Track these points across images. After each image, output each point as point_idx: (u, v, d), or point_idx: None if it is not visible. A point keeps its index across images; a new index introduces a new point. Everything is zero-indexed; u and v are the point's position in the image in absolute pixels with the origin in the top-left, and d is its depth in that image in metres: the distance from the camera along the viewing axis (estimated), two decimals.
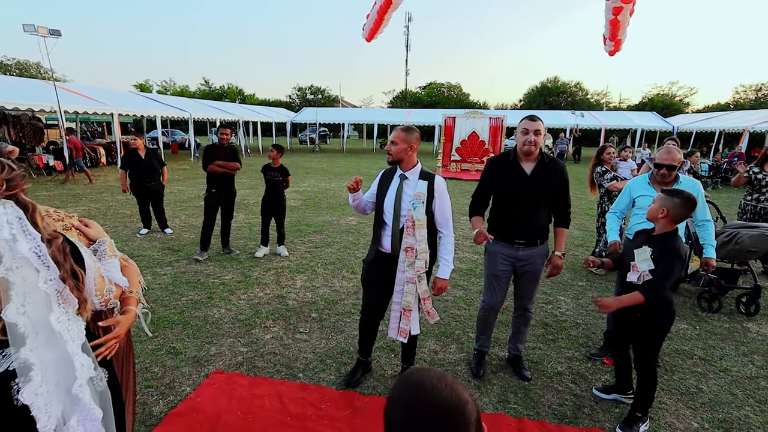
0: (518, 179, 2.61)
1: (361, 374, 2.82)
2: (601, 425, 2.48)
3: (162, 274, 4.66)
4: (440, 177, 2.55)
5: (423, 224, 2.40)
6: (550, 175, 2.63)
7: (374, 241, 2.63)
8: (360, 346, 2.84)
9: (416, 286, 2.45)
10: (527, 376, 2.89)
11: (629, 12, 5.90)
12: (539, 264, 2.75)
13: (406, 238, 2.41)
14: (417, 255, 2.40)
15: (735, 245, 3.90)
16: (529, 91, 44.78)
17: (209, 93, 44.62)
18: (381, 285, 2.58)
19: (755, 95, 38.60)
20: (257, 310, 3.85)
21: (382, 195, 2.55)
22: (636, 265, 2.29)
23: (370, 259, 2.64)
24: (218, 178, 5.21)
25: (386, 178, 2.60)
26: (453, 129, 16.47)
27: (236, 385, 2.77)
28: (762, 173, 4.90)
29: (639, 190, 3.02)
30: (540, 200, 2.64)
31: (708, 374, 3.03)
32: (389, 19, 6.79)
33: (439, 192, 2.49)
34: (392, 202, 2.48)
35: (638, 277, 2.28)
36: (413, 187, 2.46)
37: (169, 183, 11.51)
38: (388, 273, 2.51)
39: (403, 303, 2.48)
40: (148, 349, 3.16)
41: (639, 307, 2.28)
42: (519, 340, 2.98)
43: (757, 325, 3.84)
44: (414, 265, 2.42)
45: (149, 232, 6.32)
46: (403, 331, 2.51)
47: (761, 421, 2.55)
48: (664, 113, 32.36)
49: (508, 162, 2.66)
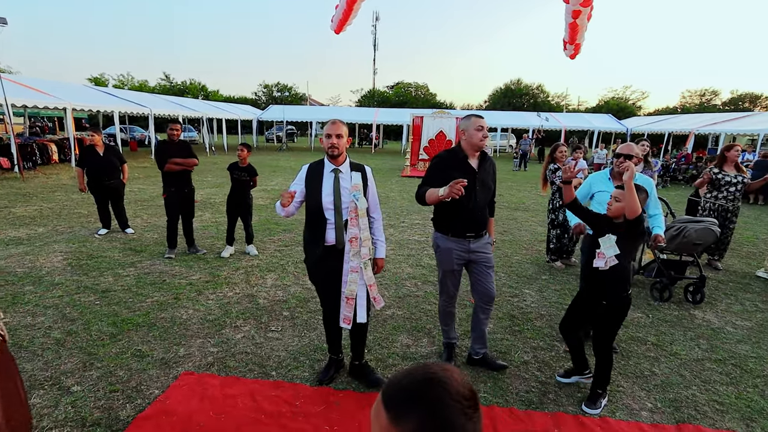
0: (470, 174, 2.69)
1: (334, 371, 2.84)
2: (564, 409, 2.62)
3: (124, 276, 4.48)
4: (368, 167, 2.64)
5: (365, 213, 2.50)
6: (488, 168, 2.81)
7: (314, 239, 2.56)
8: (329, 344, 2.84)
9: (361, 274, 2.52)
10: (503, 364, 2.99)
11: (587, 16, 6.21)
12: (489, 251, 2.88)
13: (350, 229, 2.46)
14: (362, 243, 2.49)
15: (683, 239, 4.20)
16: (494, 93, 45.89)
17: (170, 89, 42.87)
18: (333, 279, 2.57)
19: (700, 99, 41.31)
20: (227, 309, 3.78)
21: (317, 192, 2.50)
22: (602, 252, 2.45)
23: (317, 257, 2.57)
24: (174, 176, 5.05)
25: (315, 174, 2.54)
26: (421, 128, 16.66)
27: (207, 385, 2.72)
28: (721, 173, 5.28)
29: (599, 185, 3.21)
30: (487, 194, 2.80)
31: (660, 358, 3.26)
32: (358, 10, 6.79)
33: (371, 181, 2.62)
34: (331, 198, 2.48)
35: (605, 262, 2.44)
36: (348, 180, 2.51)
37: (129, 181, 11.03)
38: (337, 266, 2.53)
39: (346, 292, 2.52)
40: (111, 353, 3.04)
41: (603, 294, 2.50)
42: (483, 337, 2.99)
43: (703, 312, 4.14)
44: (359, 254, 2.49)
45: (109, 233, 6.05)
46: (346, 318, 2.54)
47: (706, 399, 2.77)
48: (619, 116, 34.00)
49: (458, 158, 2.73)
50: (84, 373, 2.80)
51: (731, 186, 5.19)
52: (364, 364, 2.83)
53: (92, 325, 3.42)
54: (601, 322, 2.57)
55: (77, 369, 2.84)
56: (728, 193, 5.21)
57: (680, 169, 14.65)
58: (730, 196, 5.21)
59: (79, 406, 2.49)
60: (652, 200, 3.16)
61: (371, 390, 2.72)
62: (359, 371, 2.81)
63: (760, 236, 7.47)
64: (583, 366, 2.84)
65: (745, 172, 5.26)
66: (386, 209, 8.44)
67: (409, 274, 4.85)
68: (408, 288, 4.45)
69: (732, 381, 2.99)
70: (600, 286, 2.56)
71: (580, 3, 5.98)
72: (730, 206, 5.24)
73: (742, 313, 4.14)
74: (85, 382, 2.71)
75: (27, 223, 6.43)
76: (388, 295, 4.23)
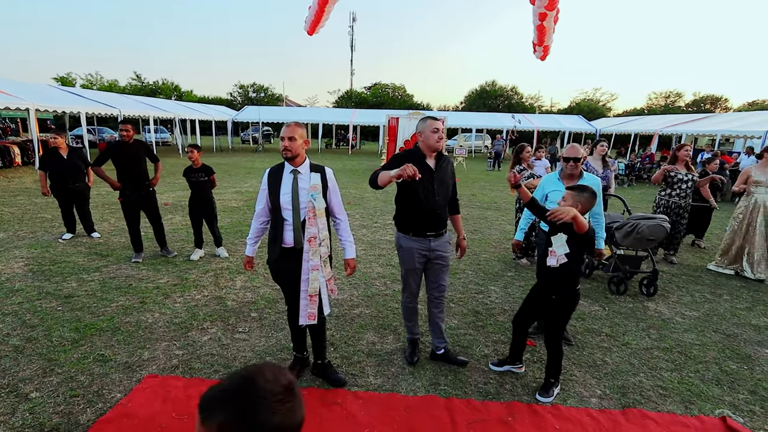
0: (428, 174, 2.78)
1: (299, 369, 2.89)
2: (519, 398, 2.75)
3: (89, 281, 4.40)
4: (329, 168, 2.69)
5: (323, 213, 2.56)
6: (446, 168, 2.90)
7: (274, 240, 2.62)
8: (294, 342, 2.90)
9: (321, 271, 2.59)
10: (464, 360, 3.10)
11: (554, 19, 6.44)
12: (448, 250, 2.99)
13: (309, 229, 2.52)
14: (321, 242, 2.56)
15: (636, 235, 4.43)
16: (470, 94, 46.62)
17: (142, 89, 41.75)
18: (293, 279, 2.61)
19: (665, 101, 43.03)
20: (194, 312, 3.78)
21: (277, 194, 2.56)
22: (554, 250, 2.59)
23: (275, 258, 2.63)
24: (128, 179, 4.99)
25: (275, 177, 2.60)
26: (397, 129, 16.81)
27: (171, 387, 2.73)
28: (674, 171, 5.57)
29: (550, 185, 3.38)
30: (446, 193, 2.87)
31: (612, 348, 3.44)
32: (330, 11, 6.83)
33: (332, 182, 2.66)
34: (289, 198, 2.53)
35: (557, 260, 2.58)
36: (307, 181, 2.57)
37: (97, 184, 10.74)
38: (295, 267, 2.58)
39: (309, 290, 2.58)
40: (73, 358, 3.01)
41: (554, 290, 2.66)
42: (442, 331, 3.10)
43: (655, 303, 4.38)
44: (318, 252, 2.55)
45: (74, 237, 5.91)
46: (311, 314, 2.60)
47: (651, 385, 2.96)
48: (589, 117, 35.06)
49: (416, 158, 2.77)
50: (43, 379, 2.77)
51: (683, 183, 5.49)
52: (326, 363, 2.89)
53: (53, 331, 3.36)
54: (552, 315, 2.73)
55: (36, 375, 2.80)
56: (680, 191, 5.51)
57: (645, 168, 15.25)
58: (682, 193, 5.51)
59: (37, 412, 2.47)
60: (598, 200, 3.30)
61: (334, 388, 2.79)
62: (322, 370, 2.87)
63: (714, 231, 7.88)
64: (517, 358, 3.02)
65: (694, 171, 5.57)
66: (360, 210, 8.51)
67: (379, 273, 4.94)
68: (377, 287, 4.53)
69: (676, 367, 3.20)
70: (551, 281, 2.70)
71: (546, 6, 6.21)
72: (682, 203, 5.54)
73: (692, 304, 4.40)
74: (44, 388, 2.68)
75: None
76: (357, 294, 4.30)
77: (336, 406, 2.60)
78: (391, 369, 3.03)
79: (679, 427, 2.54)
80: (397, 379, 2.91)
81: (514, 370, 3.04)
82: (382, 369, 3.02)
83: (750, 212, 5.27)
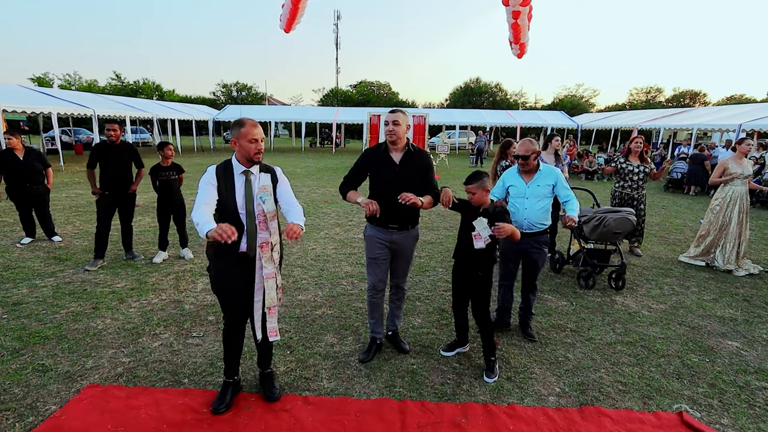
0: (390, 168, 2.82)
1: (231, 397, 2.55)
2: (475, 399, 2.68)
3: (41, 286, 4.22)
4: (278, 167, 2.55)
5: (274, 216, 2.41)
6: (417, 162, 2.86)
7: (228, 246, 2.19)
8: (228, 365, 2.55)
9: (276, 280, 2.42)
10: (406, 348, 3.17)
11: (528, 16, 6.39)
12: (411, 245, 3.01)
13: (260, 234, 2.35)
14: (273, 248, 2.41)
15: (603, 228, 4.40)
16: (454, 91, 46.70)
17: (122, 89, 40.86)
18: (243, 288, 2.41)
19: (646, 97, 43.65)
20: (148, 317, 3.63)
21: (231, 197, 2.33)
22: (478, 233, 2.73)
23: (226, 265, 2.38)
24: (112, 180, 4.82)
25: (225, 176, 2.36)
26: (378, 126, 16.72)
27: (111, 397, 2.59)
28: (626, 163, 5.59)
29: (510, 180, 3.35)
30: (411, 187, 2.77)
31: (576, 344, 3.40)
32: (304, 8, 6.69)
33: (282, 180, 2.51)
34: (244, 201, 2.34)
35: (483, 242, 2.74)
36: (258, 182, 2.42)
37: (69, 186, 10.47)
38: (248, 274, 2.40)
39: (267, 301, 2.40)
40: (10, 369, 2.85)
41: (480, 266, 2.84)
42: (396, 316, 3.24)
43: (623, 297, 4.36)
44: (272, 259, 2.39)
45: (33, 241, 5.69)
46: (273, 330, 2.44)
47: (611, 381, 2.91)
48: (572, 113, 35.40)
49: (380, 152, 2.86)
50: None
51: (634, 175, 5.53)
52: (270, 372, 2.71)
53: None
54: (478, 290, 2.91)
55: None
56: (632, 182, 5.56)
57: None
58: (634, 185, 5.58)
59: None
60: (560, 187, 3.31)
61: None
62: (269, 380, 2.69)
63: (688, 224, 7.95)
64: (464, 340, 3.19)
65: (648, 163, 5.61)
66: (337, 208, 8.40)
67: (347, 273, 4.84)
68: (343, 287, 4.43)
69: (638, 362, 3.16)
70: (474, 260, 2.86)
71: (519, 3, 6.16)
72: (635, 194, 5.59)
73: (659, 297, 4.39)
74: None
75: None
76: (321, 295, 4.20)
77: (284, 412, 2.49)
78: (346, 372, 2.93)
79: (636, 424, 2.49)
80: (352, 382, 2.82)
81: (462, 350, 3.20)
82: (337, 372, 2.92)
83: (726, 204, 5.30)
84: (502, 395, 2.72)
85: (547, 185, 3.28)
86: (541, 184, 3.28)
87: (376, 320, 3.13)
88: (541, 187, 3.27)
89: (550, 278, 4.85)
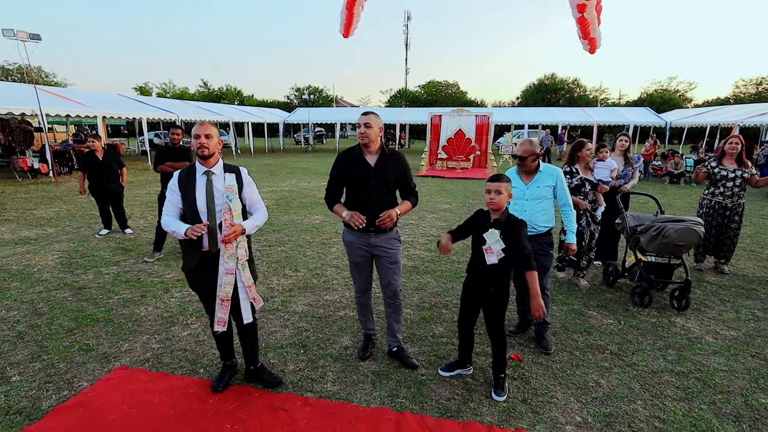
0: (365, 171, 2.74)
1: (228, 378, 2.77)
2: (481, 419, 2.48)
3: (105, 273, 4.72)
4: (243, 168, 2.59)
5: (239, 214, 2.45)
6: (393, 165, 2.78)
7: (190, 245, 2.43)
8: (221, 351, 2.78)
9: (239, 275, 2.49)
10: (414, 363, 2.99)
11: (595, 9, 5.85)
12: (394, 248, 2.87)
13: (225, 231, 2.40)
14: (237, 244, 2.45)
15: (662, 239, 3.88)
16: (527, 89, 44.54)
17: (208, 95, 44.80)
18: (210, 284, 2.52)
19: (756, 89, 38.08)
20: (185, 307, 3.89)
21: (192, 197, 2.43)
22: (490, 247, 2.50)
23: (195, 264, 2.48)
24: (170, 177, 5.24)
25: (186, 180, 2.46)
26: (439, 127, 16.46)
27: (135, 380, 2.81)
28: (719, 167, 4.86)
29: None
30: (387, 189, 2.76)
31: (613, 368, 3.02)
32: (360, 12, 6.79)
33: (247, 181, 2.57)
34: (204, 201, 2.42)
35: (496, 256, 2.50)
36: (222, 182, 2.46)
37: (152, 183, 11.65)
38: (214, 272, 2.47)
39: (221, 294, 2.47)
40: (61, 346, 3.21)
41: (493, 282, 2.59)
42: (396, 330, 3.07)
43: (685, 319, 3.81)
44: (235, 255, 2.44)
45: (110, 233, 6.40)
46: (220, 320, 2.51)
47: (647, 415, 2.54)
48: (662, 109, 32.02)
49: (354, 156, 2.78)
50: (29, 364, 2.97)
51: (728, 181, 4.74)
52: (260, 367, 2.81)
53: (56, 319, 3.62)
54: (492, 307, 2.67)
55: (24, 360, 3.02)
56: (725, 188, 4.77)
57: None
58: (727, 191, 4.76)
59: (11, 395, 2.65)
60: (560, 189, 3.17)
61: (275, 390, 2.72)
62: (256, 375, 2.79)
63: None
64: (466, 360, 2.92)
65: (749, 167, 4.77)
66: None
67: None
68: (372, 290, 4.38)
69: (686, 396, 2.73)
70: (487, 276, 2.61)
71: None
72: (728, 203, 4.79)
73: (732, 322, 3.77)
74: (26, 372, 2.87)
75: (42, 224, 6.92)
76: (348, 296, 4.19)
77: (281, 412, 2.51)
78: (352, 376, 2.88)
79: None
80: (356, 387, 2.76)
81: (464, 373, 2.92)
82: (343, 375, 2.89)
83: None
84: (512, 418, 2.49)
85: (547, 186, 3.14)
86: (541, 185, 3.13)
87: (366, 318, 3.17)
88: (541, 188, 3.13)
89: (600, 292, 4.39)
